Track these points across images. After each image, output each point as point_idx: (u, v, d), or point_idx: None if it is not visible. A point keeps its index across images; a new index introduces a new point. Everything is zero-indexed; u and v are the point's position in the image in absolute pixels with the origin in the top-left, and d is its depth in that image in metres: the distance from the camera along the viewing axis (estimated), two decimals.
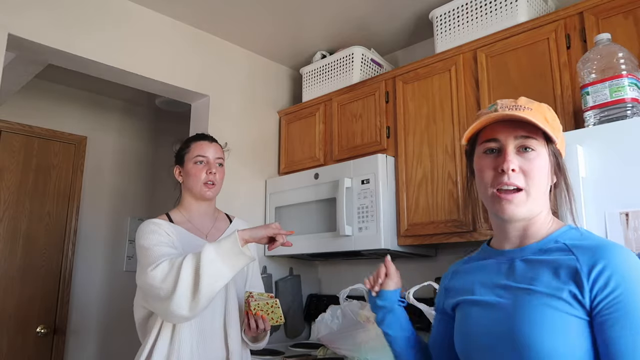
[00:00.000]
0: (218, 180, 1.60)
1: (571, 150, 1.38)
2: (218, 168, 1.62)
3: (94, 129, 3.53)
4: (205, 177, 1.58)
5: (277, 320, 1.51)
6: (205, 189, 1.58)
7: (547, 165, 0.88)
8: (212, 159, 1.61)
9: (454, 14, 2.24)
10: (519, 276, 0.86)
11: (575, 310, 0.76)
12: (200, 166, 1.59)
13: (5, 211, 3.07)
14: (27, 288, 3.08)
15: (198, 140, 1.64)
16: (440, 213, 2.11)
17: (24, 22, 2.06)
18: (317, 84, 2.81)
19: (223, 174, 1.65)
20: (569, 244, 0.85)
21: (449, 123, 2.14)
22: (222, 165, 1.65)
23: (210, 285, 1.29)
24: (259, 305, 1.49)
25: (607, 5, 1.75)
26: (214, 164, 1.60)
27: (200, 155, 1.59)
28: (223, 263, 1.31)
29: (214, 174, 1.59)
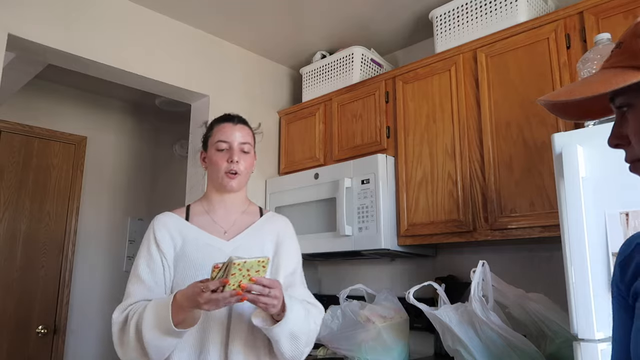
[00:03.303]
0: (242, 169, 1.38)
1: (571, 150, 1.38)
2: (242, 155, 1.38)
3: (94, 129, 3.53)
4: (226, 166, 1.36)
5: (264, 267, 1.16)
6: (226, 180, 1.36)
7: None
8: (236, 144, 1.38)
9: (454, 14, 2.24)
10: None
11: None
12: (221, 153, 1.37)
13: (5, 211, 3.07)
14: (27, 288, 3.08)
15: (221, 122, 1.42)
16: (440, 213, 2.11)
17: (24, 22, 2.06)
18: (317, 84, 2.80)
19: (251, 161, 1.42)
20: None
21: (449, 123, 2.14)
22: (249, 152, 1.40)
23: (159, 355, 1.18)
24: (246, 270, 1.12)
25: (607, 5, 1.75)
26: (237, 150, 1.37)
27: (221, 141, 1.37)
28: (164, 335, 1.15)
29: (237, 162, 1.36)
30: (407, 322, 2.13)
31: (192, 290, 1.11)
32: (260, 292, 1.12)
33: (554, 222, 1.73)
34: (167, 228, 1.35)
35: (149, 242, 1.34)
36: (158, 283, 1.30)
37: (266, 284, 1.12)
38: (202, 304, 1.08)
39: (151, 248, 1.33)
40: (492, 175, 1.96)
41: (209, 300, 1.08)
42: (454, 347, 1.72)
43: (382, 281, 2.63)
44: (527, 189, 1.85)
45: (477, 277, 1.70)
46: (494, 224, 1.92)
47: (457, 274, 2.33)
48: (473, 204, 2.00)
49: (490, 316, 1.65)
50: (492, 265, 1.79)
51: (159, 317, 1.15)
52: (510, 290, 1.77)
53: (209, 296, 1.07)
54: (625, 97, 0.62)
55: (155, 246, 1.33)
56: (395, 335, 2.05)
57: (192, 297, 1.10)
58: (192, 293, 1.11)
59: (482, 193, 1.98)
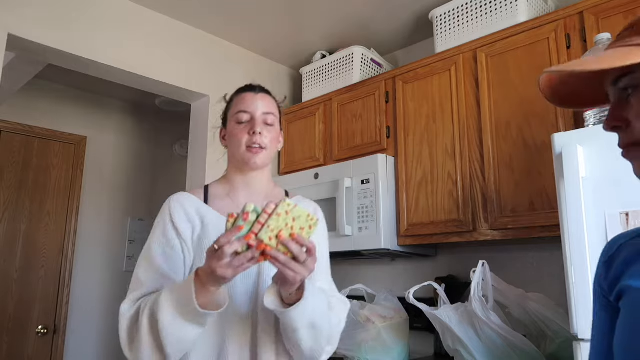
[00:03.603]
0: (267, 143, 1.19)
1: (571, 150, 1.38)
2: (266, 127, 1.20)
3: (94, 129, 3.53)
4: (247, 140, 1.18)
5: (311, 227, 0.93)
6: (248, 155, 1.18)
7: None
8: (259, 114, 1.20)
9: (454, 13, 2.24)
10: None
11: None
12: (242, 126, 1.20)
13: (5, 211, 3.07)
14: (27, 288, 3.08)
15: (241, 92, 1.26)
16: (440, 213, 2.11)
17: (24, 22, 2.06)
18: (317, 84, 2.81)
19: (276, 135, 1.23)
20: None
21: (449, 123, 2.14)
22: (274, 125, 1.22)
23: (177, 349, 0.99)
24: (292, 220, 0.91)
25: (607, 5, 1.75)
26: (260, 121, 1.19)
27: (242, 111, 1.20)
28: (186, 321, 0.96)
29: (260, 134, 1.17)
30: (407, 322, 2.14)
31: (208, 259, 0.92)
32: (298, 254, 0.90)
33: (554, 222, 1.73)
34: (185, 209, 1.17)
35: (165, 224, 1.15)
36: (177, 273, 1.11)
37: (309, 246, 0.92)
38: (217, 269, 0.88)
39: (168, 232, 1.13)
40: (492, 175, 1.96)
41: (228, 264, 0.88)
42: (454, 347, 1.72)
43: (382, 281, 2.63)
44: (527, 189, 1.85)
45: (477, 277, 1.70)
46: (494, 224, 1.92)
47: (457, 274, 2.33)
48: (473, 204, 2.00)
49: (490, 316, 1.65)
50: (492, 265, 1.79)
51: (180, 298, 0.95)
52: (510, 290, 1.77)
53: (227, 259, 0.87)
54: (633, 78, 0.61)
55: (174, 230, 1.14)
56: (395, 335, 2.05)
57: (209, 265, 0.91)
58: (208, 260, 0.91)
59: (482, 193, 1.98)
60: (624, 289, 0.69)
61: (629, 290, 0.67)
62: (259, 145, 1.18)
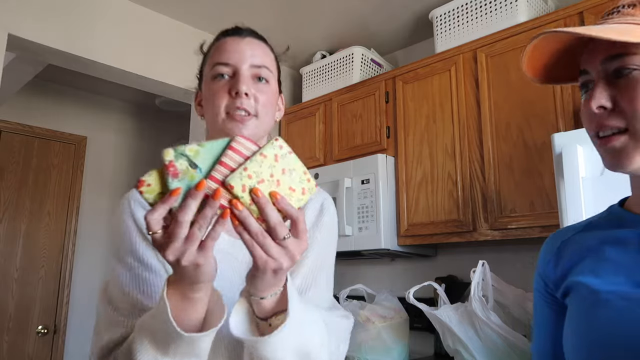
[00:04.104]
0: (258, 108, 0.83)
1: (571, 150, 1.38)
2: (257, 85, 0.84)
3: (94, 129, 3.53)
4: (228, 103, 0.82)
5: (304, 191, 0.61)
6: (230, 125, 0.81)
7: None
8: (245, 67, 0.84)
9: (454, 14, 2.24)
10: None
11: None
12: (221, 83, 0.83)
13: (5, 211, 3.07)
14: (27, 288, 3.08)
15: (223, 36, 0.89)
16: (440, 213, 2.11)
17: (24, 22, 2.06)
18: (317, 84, 2.81)
19: (272, 96, 0.87)
20: None
21: (449, 123, 2.15)
22: (270, 83, 0.86)
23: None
24: (280, 172, 0.59)
25: (607, 5, 1.75)
26: (246, 76, 0.83)
27: (221, 63, 0.84)
28: (166, 348, 0.63)
29: (246, 95, 0.81)
30: (407, 322, 2.14)
31: None
32: (275, 225, 0.57)
33: (554, 222, 1.73)
34: (134, 225, 0.81)
35: (130, 239, 0.79)
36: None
37: (295, 217, 0.59)
38: (177, 255, 0.56)
39: (138, 249, 0.78)
40: (492, 175, 1.96)
41: (189, 242, 0.56)
42: (454, 347, 1.72)
43: (382, 281, 2.63)
44: (527, 189, 1.85)
45: (477, 277, 1.70)
46: (494, 224, 1.92)
47: (457, 274, 2.33)
48: (473, 204, 2.00)
49: (490, 316, 1.65)
50: (492, 265, 1.79)
51: (154, 326, 0.63)
52: (510, 290, 1.77)
53: (182, 234, 0.56)
54: (631, 59, 0.60)
55: (146, 243, 0.78)
56: (395, 335, 2.05)
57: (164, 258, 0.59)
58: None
59: (482, 193, 1.98)
60: (572, 285, 0.68)
61: (578, 286, 0.67)
62: (245, 111, 0.81)
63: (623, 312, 0.60)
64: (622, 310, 0.60)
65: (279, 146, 0.59)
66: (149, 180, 0.57)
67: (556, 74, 0.71)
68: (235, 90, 0.82)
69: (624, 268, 0.63)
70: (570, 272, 0.69)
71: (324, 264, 0.93)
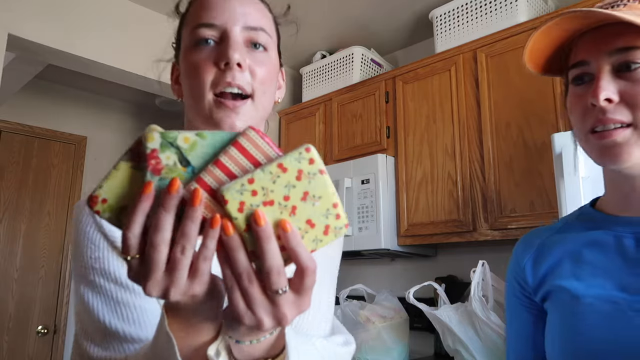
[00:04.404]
0: (256, 85, 0.63)
1: (571, 150, 1.38)
2: (252, 54, 0.64)
3: (94, 129, 3.53)
4: (215, 77, 0.61)
5: (328, 230, 0.42)
6: (219, 112, 0.61)
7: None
8: (237, 29, 0.63)
9: (454, 14, 2.24)
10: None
11: None
12: (205, 51, 0.63)
13: (5, 211, 3.07)
14: (27, 288, 3.08)
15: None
16: (440, 213, 2.11)
17: (24, 22, 2.06)
18: (317, 84, 2.81)
19: (272, 69, 0.66)
20: None
21: (449, 123, 2.15)
22: (268, 50, 0.66)
23: None
24: (258, 186, 0.40)
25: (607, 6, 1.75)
26: (240, 42, 0.63)
27: (204, 25, 0.63)
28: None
29: (239, 66, 0.61)
30: (407, 322, 2.14)
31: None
32: (271, 269, 0.40)
33: None
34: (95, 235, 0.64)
35: (99, 257, 0.61)
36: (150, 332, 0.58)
37: (305, 266, 0.41)
38: (148, 287, 0.41)
39: (109, 267, 0.60)
40: (492, 175, 1.96)
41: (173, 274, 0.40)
42: (454, 347, 1.72)
43: (382, 281, 2.64)
44: (527, 189, 1.85)
45: (477, 277, 1.70)
46: (494, 224, 1.92)
47: (457, 274, 2.33)
48: (473, 204, 2.00)
49: (490, 316, 1.65)
50: (492, 265, 1.79)
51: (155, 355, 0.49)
52: None
53: (160, 263, 0.40)
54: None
55: (119, 259, 0.61)
56: (395, 335, 2.05)
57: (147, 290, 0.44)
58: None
59: (482, 193, 1.98)
60: (552, 289, 0.67)
61: (559, 291, 0.66)
62: (237, 89, 0.60)
63: (607, 316, 0.60)
64: (606, 314, 0.60)
65: (308, 160, 0.40)
66: (105, 192, 0.41)
67: (549, 66, 0.70)
68: (224, 59, 0.59)
69: (603, 271, 0.63)
70: (549, 275, 0.68)
71: (326, 280, 0.77)
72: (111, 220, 0.41)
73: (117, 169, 0.41)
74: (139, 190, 0.40)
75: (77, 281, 0.62)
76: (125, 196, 0.41)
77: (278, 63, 0.70)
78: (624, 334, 0.58)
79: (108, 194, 0.41)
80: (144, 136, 0.41)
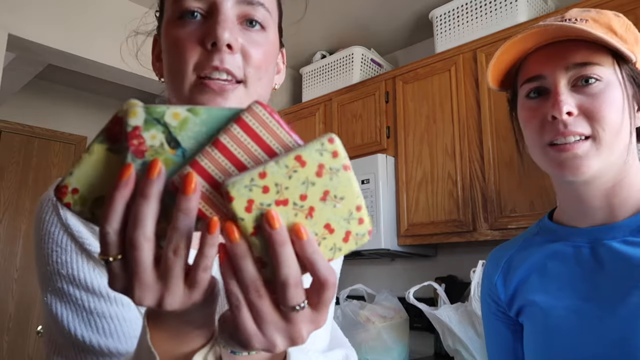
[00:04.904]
0: (250, 69, 0.53)
1: None
2: (248, 33, 0.54)
3: (94, 129, 3.53)
4: (199, 59, 0.52)
5: (349, 237, 0.36)
6: (201, 95, 0.52)
7: (620, 97, 0.61)
8: (230, 3, 0.53)
9: (454, 14, 2.24)
10: (616, 268, 0.61)
11: None
12: (189, 26, 0.53)
13: (5, 211, 3.07)
14: (27, 288, 3.08)
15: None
16: (440, 213, 2.11)
17: (24, 22, 2.06)
18: (317, 84, 2.81)
19: (271, 50, 0.57)
20: None
21: (449, 123, 2.15)
22: (266, 29, 0.56)
23: None
24: (272, 182, 0.33)
25: (607, 6, 1.75)
26: (231, 17, 0.52)
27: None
28: None
29: (230, 47, 0.51)
30: (407, 322, 2.14)
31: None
32: (286, 281, 0.34)
33: None
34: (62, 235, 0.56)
35: (66, 262, 0.53)
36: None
37: (322, 276, 0.35)
38: (136, 295, 0.34)
39: (79, 273, 0.53)
40: (492, 175, 1.96)
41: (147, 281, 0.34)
42: (454, 347, 1.72)
43: (382, 281, 2.64)
44: (527, 189, 1.85)
45: (477, 277, 1.70)
46: (494, 224, 1.92)
47: (457, 274, 2.33)
48: (473, 204, 2.00)
49: None
50: None
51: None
52: None
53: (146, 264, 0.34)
54: (601, 71, 0.62)
55: (89, 263, 0.54)
56: (395, 335, 2.05)
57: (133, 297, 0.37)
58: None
59: (482, 193, 1.98)
60: (524, 304, 0.69)
61: (529, 305, 0.68)
62: (226, 75, 0.52)
63: (575, 328, 0.61)
64: (574, 326, 0.62)
65: (331, 152, 0.34)
66: (76, 180, 0.34)
67: (503, 81, 0.72)
68: (211, 39, 0.50)
69: (567, 282, 0.65)
70: (519, 290, 0.70)
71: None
72: (84, 214, 0.35)
73: (90, 153, 0.34)
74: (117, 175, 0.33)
75: (43, 288, 0.54)
76: (100, 185, 0.34)
77: (278, 43, 0.60)
78: (592, 343, 0.60)
79: (80, 182, 0.34)
80: (125, 111, 0.33)
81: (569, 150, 0.61)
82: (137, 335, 0.43)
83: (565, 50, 0.62)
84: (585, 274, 0.63)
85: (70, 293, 0.52)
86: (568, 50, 0.62)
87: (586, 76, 0.61)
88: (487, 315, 0.77)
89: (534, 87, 0.65)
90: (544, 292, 0.66)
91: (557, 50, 0.63)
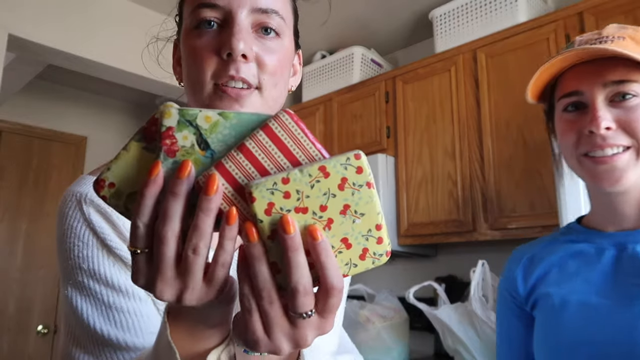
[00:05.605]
0: (265, 76, 0.55)
1: None
2: (262, 41, 0.56)
3: (94, 129, 3.53)
4: (216, 69, 0.54)
5: (365, 254, 0.36)
6: (218, 101, 0.54)
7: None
8: (244, 12, 0.54)
9: (454, 14, 2.24)
10: (637, 270, 0.65)
11: None
12: (206, 36, 0.55)
13: (6, 211, 3.07)
14: (27, 288, 3.08)
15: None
16: (440, 213, 2.11)
17: (24, 22, 2.06)
18: (317, 84, 2.81)
19: (286, 57, 0.59)
20: None
21: (448, 123, 2.15)
22: (282, 36, 0.58)
23: None
24: (294, 189, 0.34)
25: (606, 6, 1.75)
26: (246, 27, 0.55)
27: (205, 4, 0.55)
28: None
29: (244, 57, 0.53)
30: (407, 322, 2.14)
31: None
32: (297, 286, 0.35)
33: (554, 222, 1.73)
34: (110, 216, 0.56)
35: (88, 257, 0.55)
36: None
37: (332, 286, 0.35)
38: (157, 289, 0.36)
39: (100, 268, 0.55)
40: (492, 175, 1.96)
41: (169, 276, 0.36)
42: (454, 347, 1.72)
43: (382, 281, 2.64)
44: (527, 189, 1.85)
45: (477, 277, 1.70)
46: (494, 224, 1.92)
47: (457, 274, 2.33)
48: (473, 204, 2.00)
49: (490, 316, 1.65)
50: (492, 265, 1.80)
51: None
52: None
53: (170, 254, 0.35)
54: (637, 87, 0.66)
55: (111, 259, 0.55)
56: (395, 335, 2.05)
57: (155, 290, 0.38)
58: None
59: (482, 193, 1.98)
60: (540, 296, 0.73)
61: (545, 297, 0.72)
62: (242, 83, 0.54)
63: (585, 317, 0.66)
64: (584, 315, 0.66)
65: (356, 168, 0.34)
66: (113, 175, 0.37)
67: (540, 96, 0.79)
68: (226, 49, 0.52)
69: (585, 279, 0.69)
70: (538, 284, 0.75)
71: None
72: (118, 207, 0.37)
73: (127, 150, 0.36)
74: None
75: (64, 281, 0.56)
76: (135, 181, 0.36)
77: (293, 48, 0.62)
78: (598, 333, 0.64)
79: (116, 177, 0.36)
80: (160, 112, 0.35)
81: (607, 163, 0.65)
82: (153, 331, 0.47)
83: (603, 68, 0.66)
84: (604, 273, 0.67)
85: (90, 287, 0.54)
86: (605, 69, 0.65)
87: (623, 92, 0.65)
88: (502, 310, 0.80)
89: (572, 101, 0.69)
90: (560, 285, 0.70)
91: (595, 68, 0.66)
